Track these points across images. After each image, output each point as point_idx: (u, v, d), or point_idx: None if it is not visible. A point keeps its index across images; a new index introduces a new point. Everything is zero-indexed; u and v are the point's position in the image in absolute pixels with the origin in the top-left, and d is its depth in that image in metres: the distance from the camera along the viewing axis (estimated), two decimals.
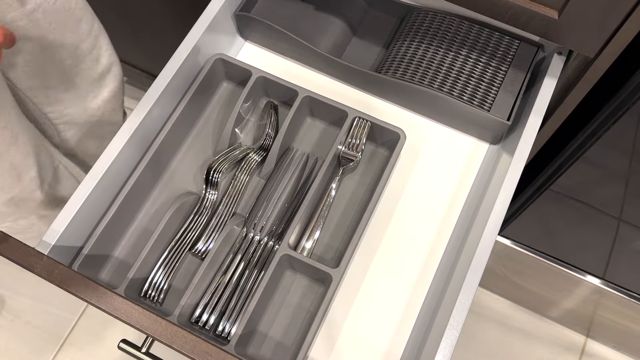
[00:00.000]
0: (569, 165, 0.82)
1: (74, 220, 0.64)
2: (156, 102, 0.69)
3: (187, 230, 0.69)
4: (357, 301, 0.68)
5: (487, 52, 0.74)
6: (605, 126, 0.72)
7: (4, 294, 1.41)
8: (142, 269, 0.66)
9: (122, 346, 0.60)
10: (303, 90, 0.72)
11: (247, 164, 0.72)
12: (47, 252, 0.62)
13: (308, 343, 0.61)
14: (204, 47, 0.74)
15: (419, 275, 0.69)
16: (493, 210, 0.63)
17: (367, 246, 0.71)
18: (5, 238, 0.56)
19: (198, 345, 0.52)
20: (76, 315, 1.39)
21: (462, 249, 0.67)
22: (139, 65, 1.38)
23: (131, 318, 0.53)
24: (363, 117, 0.71)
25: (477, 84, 0.72)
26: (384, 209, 0.73)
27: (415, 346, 0.65)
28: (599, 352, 1.38)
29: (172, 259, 0.67)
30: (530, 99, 0.72)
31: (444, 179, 0.74)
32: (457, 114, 0.73)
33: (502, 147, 0.74)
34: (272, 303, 0.67)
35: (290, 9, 0.80)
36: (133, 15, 1.14)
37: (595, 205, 0.91)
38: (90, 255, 0.66)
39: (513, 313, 1.41)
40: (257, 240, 0.68)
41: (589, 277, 1.08)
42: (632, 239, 0.93)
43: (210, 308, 0.64)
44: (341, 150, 0.71)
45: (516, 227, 1.07)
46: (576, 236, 1.02)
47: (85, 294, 0.54)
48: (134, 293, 0.66)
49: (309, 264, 0.64)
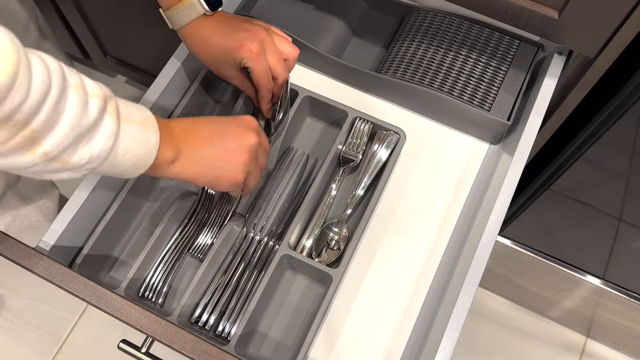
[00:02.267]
0: (569, 165, 0.82)
1: (74, 220, 0.64)
2: (156, 101, 0.69)
3: (186, 231, 0.69)
4: (357, 301, 0.68)
5: (487, 52, 0.74)
6: (605, 126, 0.72)
7: (4, 294, 1.41)
8: (142, 269, 0.66)
9: (122, 346, 0.60)
10: (303, 90, 0.72)
11: None
12: (47, 252, 0.62)
13: (308, 343, 0.61)
14: None
15: (419, 275, 0.69)
16: (493, 210, 0.63)
17: (367, 246, 0.71)
18: (5, 238, 0.56)
19: (198, 345, 0.52)
20: (76, 315, 1.39)
21: (462, 249, 0.67)
22: (139, 65, 1.38)
23: (131, 318, 0.53)
24: (363, 117, 0.71)
25: (477, 83, 0.72)
26: (384, 209, 0.73)
27: (415, 346, 0.64)
28: (599, 352, 1.38)
29: (172, 260, 0.67)
30: (530, 99, 0.72)
31: (444, 179, 0.74)
32: (457, 114, 0.73)
33: (502, 147, 0.74)
34: (272, 303, 0.67)
35: (290, 8, 0.80)
36: (133, 15, 1.14)
37: (595, 205, 0.91)
38: (90, 255, 0.66)
39: (513, 313, 1.41)
40: (257, 240, 0.68)
41: (589, 277, 1.08)
42: (632, 239, 0.93)
43: (210, 308, 0.64)
44: (341, 150, 0.71)
45: (516, 227, 1.07)
46: (576, 236, 1.02)
47: (85, 294, 0.54)
48: (134, 293, 0.66)
49: (309, 264, 0.64)
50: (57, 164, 0.43)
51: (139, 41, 1.25)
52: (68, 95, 0.41)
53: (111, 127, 0.45)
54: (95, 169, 0.47)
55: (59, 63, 0.42)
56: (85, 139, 0.43)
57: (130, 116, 0.48)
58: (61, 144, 0.42)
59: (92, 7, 1.19)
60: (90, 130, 0.43)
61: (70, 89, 0.42)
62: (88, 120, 0.43)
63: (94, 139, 0.44)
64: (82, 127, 0.42)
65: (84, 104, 0.42)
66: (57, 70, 0.41)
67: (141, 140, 0.49)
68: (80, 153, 0.44)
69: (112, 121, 0.45)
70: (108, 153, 0.46)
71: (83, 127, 0.42)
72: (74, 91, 0.42)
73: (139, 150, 0.49)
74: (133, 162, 0.49)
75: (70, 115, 0.41)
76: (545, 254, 1.10)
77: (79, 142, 0.43)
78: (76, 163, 0.44)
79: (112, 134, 0.45)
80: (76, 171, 0.45)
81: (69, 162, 0.43)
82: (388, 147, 0.71)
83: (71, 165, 0.44)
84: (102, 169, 0.48)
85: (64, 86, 0.41)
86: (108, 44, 1.35)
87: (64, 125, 0.41)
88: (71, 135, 0.42)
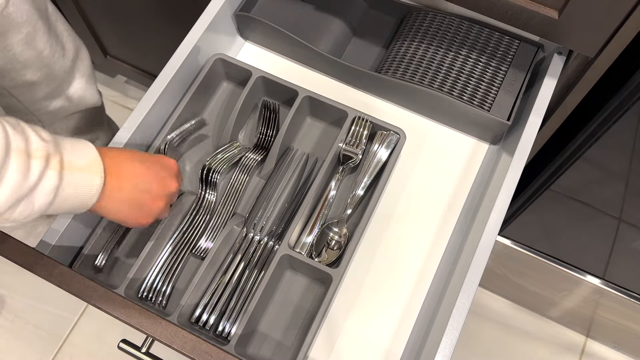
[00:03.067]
0: (569, 165, 0.82)
1: (74, 220, 0.64)
2: (156, 102, 0.69)
3: (186, 231, 0.69)
4: (357, 301, 0.68)
5: (487, 52, 0.74)
6: (605, 126, 0.72)
7: (4, 294, 1.41)
8: (142, 269, 0.66)
9: (122, 346, 0.60)
10: (303, 90, 0.72)
11: (246, 164, 0.72)
12: (47, 252, 0.62)
13: (308, 343, 0.61)
14: (204, 47, 0.74)
15: (419, 275, 0.69)
16: (493, 210, 0.63)
17: (367, 246, 0.71)
18: (5, 238, 0.56)
19: (198, 345, 0.51)
20: (76, 315, 1.39)
21: (462, 249, 0.67)
22: (139, 65, 1.38)
23: (131, 318, 0.53)
24: (363, 117, 0.71)
25: (477, 83, 0.72)
26: (384, 209, 0.73)
27: (415, 346, 0.64)
28: (599, 352, 1.38)
29: (172, 260, 0.67)
30: (530, 99, 0.72)
31: (444, 179, 0.74)
32: (457, 114, 0.73)
33: (502, 147, 0.74)
34: (272, 303, 0.67)
35: (290, 8, 0.80)
36: (133, 15, 1.14)
37: (595, 205, 0.91)
38: (90, 255, 0.65)
39: (513, 313, 1.41)
40: (257, 240, 0.68)
41: (589, 277, 1.08)
42: (632, 239, 0.93)
43: (210, 308, 0.64)
44: (342, 147, 0.71)
45: (516, 227, 1.07)
46: (576, 236, 1.02)
47: (85, 294, 0.54)
48: (134, 293, 0.66)
49: (309, 264, 0.64)
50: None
51: (139, 41, 1.25)
52: (9, 164, 0.44)
53: (53, 182, 0.48)
54: (38, 216, 0.49)
55: (4, 128, 0.45)
56: (25, 199, 0.47)
57: (75, 164, 0.50)
58: (2, 207, 0.45)
59: (92, 7, 1.19)
60: (31, 191, 0.46)
61: (13, 155, 0.45)
62: (29, 183, 0.46)
63: (34, 196, 0.47)
64: (23, 190, 0.46)
65: (25, 168, 0.45)
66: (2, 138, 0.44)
67: (84, 186, 0.51)
68: (19, 211, 0.47)
69: (54, 175, 0.48)
70: (48, 206, 0.49)
71: (24, 189, 0.46)
72: (16, 157, 0.45)
73: (81, 195, 0.51)
74: (74, 205, 0.52)
75: (10, 181, 0.44)
76: (545, 254, 1.10)
77: (20, 203, 0.46)
78: (16, 219, 0.47)
79: (53, 189, 0.48)
80: (17, 222, 0.48)
81: (9, 219, 0.47)
82: (388, 147, 0.71)
83: (12, 219, 0.47)
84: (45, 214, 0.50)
85: (6, 154, 0.44)
86: (108, 44, 1.35)
87: (4, 191, 0.44)
88: (12, 198, 0.45)
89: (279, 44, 0.80)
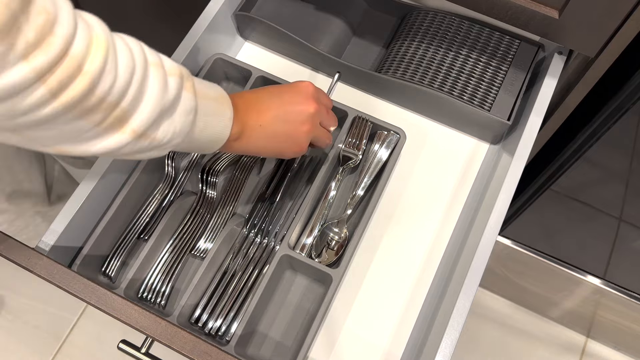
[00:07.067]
0: (569, 165, 0.82)
1: (74, 220, 0.64)
2: None
3: (186, 231, 0.69)
4: (357, 301, 0.68)
5: (487, 51, 0.74)
6: (605, 126, 0.72)
7: (4, 294, 1.41)
8: (142, 269, 0.66)
9: (121, 346, 0.60)
10: None
11: (245, 163, 0.72)
12: (47, 252, 0.62)
13: (308, 343, 0.61)
14: (203, 47, 0.74)
15: (419, 275, 0.69)
16: (493, 210, 0.63)
17: (367, 246, 0.71)
18: (5, 238, 0.56)
19: (198, 345, 0.51)
20: (76, 315, 1.39)
21: (462, 249, 0.67)
22: None
23: (131, 318, 0.53)
24: (363, 117, 0.71)
25: (477, 83, 0.72)
26: (384, 209, 0.73)
27: (415, 346, 0.64)
28: (599, 352, 1.38)
29: (172, 260, 0.67)
30: (530, 99, 0.72)
31: (444, 179, 0.74)
32: (457, 113, 0.73)
33: (502, 147, 0.74)
34: (272, 303, 0.67)
35: (290, 8, 0.80)
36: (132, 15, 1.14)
37: (595, 205, 0.91)
38: (90, 255, 0.65)
39: (513, 313, 1.41)
40: (257, 241, 0.68)
41: (589, 277, 1.08)
42: (632, 239, 0.93)
43: (210, 308, 0.64)
44: (342, 148, 0.71)
45: (516, 227, 1.07)
46: (576, 236, 1.02)
47: (85, 294, 0.54)
48: (134, 293, 0.65)
49: (309, 264, 0.64)
50: (144, 141, 0.45)
51: None
52: (149, 74, 0.43)
53: (190, 102, 0.47)
54: (179, 144, 0.49)
55: (139, 44, 0.44)
56: (167, 115, 0.46)
57: (205, 93, 0.50)
58: (147, 120, 0.44)
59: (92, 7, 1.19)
60: (171, 107, 0.46)
61: (151, 68, 0.44)
62: (168, 96, 0.45)
63: (175, 114, 0.46)
64: (164, 103, 0.45)
65: (164, 82, 0.45)
66: (139, 51, 0.43)
67: (218, 115, 0.51)
68: (163, 129, 0.46)
69: (190, 97, 0.47)
70: (189, 128, 0.48)
71: (165, 103, 0.45)
72: (154, 70, 0.44)
73: (216, 125, 0.51)
74: (211, 136, 0.51)
75: (153, 92, 0.43)
76: (545, 254, 1.10)
77: (163, 118, 0.45)
78: (161, 139, 0.46)
79: (191, 109, 0.48)
80: (161, 149, 0.48)
81: (155, 139, 0.46)
82: (388, 147, 0.71)
83: (157, 141, 0.46)
84: (183, 145, 0.50)
85: (145, 66, 0.43)
86: None
87: (148, 102, 0.43)
88: (155, 111, 0.44)
89: (278, 43, 0.80)
